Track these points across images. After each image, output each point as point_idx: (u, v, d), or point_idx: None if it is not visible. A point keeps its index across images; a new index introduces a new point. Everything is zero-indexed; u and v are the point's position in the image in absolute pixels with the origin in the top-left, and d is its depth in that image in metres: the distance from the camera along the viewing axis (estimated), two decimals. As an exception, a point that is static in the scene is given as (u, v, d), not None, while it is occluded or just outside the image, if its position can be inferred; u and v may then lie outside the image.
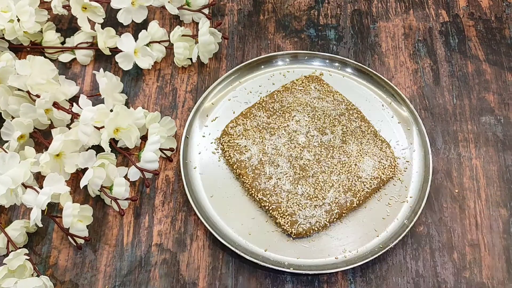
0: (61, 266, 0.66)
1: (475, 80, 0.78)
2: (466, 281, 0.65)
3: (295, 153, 0.70)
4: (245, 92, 0.77)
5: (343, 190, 0.67)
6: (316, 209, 0.66)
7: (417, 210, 0.66)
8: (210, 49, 0.77)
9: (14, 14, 0.72)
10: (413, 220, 0.66)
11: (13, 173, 0.62)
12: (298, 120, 0.72)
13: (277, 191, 0.67)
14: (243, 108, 0.75)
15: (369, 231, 0.67)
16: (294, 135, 0.71)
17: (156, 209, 0.69)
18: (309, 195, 0.67)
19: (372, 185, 0.68)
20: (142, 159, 0.67)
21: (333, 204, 0.66)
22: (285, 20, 0.84)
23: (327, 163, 0.69)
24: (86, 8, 0.76)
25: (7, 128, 0.68)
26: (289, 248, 0.66)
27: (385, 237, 0.66)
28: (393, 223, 0.67)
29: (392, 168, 0.69)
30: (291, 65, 0.79)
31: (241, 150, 0.70)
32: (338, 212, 0.66)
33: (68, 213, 0.62)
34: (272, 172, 0.68)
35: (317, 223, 0.66)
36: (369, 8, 0.85)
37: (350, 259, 0.65)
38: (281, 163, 0.69)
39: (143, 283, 0.65)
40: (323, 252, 0.65)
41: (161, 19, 0.83)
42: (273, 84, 0.77)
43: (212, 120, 0.74)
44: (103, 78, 0.69)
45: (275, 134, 0.71)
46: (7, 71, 0.68)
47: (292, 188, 0.67)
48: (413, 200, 0.68)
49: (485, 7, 0.85)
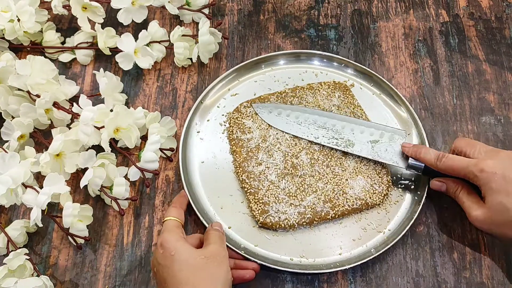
0: (61, 266, 0.66)
1: (475, 80, 0.78)
2: (466, 281, 0.65)
3: (293, 151, 0.70)
4: (273, 79, 0.77)
5: (324, 199, 0.67)
6: (290, 207, 0.66)
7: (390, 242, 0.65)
8: (210, 49, 0.77)
9: (14, 14, 0.72)
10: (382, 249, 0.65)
11: (13, 173, 0.62)
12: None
13: (261, 178, 0.68)
14: (264, 92, 0.76)
15: (332, 247, 0.66)
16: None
17: (156, 209, 0.69)
18: (289, 192, 0.67)
19: (354, 205, 0.67)
20: (142, 159, 0.67)
21: (308, 209, 0.66)
22: (285, 20, 0.84)
23: (320, 169, 0.69)
24: (86, 8, 0.76)
25: (7, 128, 0.68)
26: (251, 234, 0.66)
27: (347, 257, 0.65)
28: (359, 248, 0.66)
29: (382, 196, 0.68)
30: (326, 67, 0.78)
31: (244, 130, 0.72)
32: (310, 217, 0.66)
33: (68, 213, 0.62)
34: (264, 159, 0.69)
35: (286, 220, 0.66)
36: (369, 8, 0.85)
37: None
38: (276, 155, 0.69)
39: (143, 283, 0.65)
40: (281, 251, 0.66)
41: (161, 19, 0.83)
42: (302, 80, 0.77)
43: (232, 95, 0.76)
44: (103, 78, 0.69)
45: None
46: (7, 71, 0.68)
47: (276, 180, 0.68)
48: (390, 233, 0.66)
49: (485, 7, 0.85)
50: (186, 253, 0.57)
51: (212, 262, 0.56)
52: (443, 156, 0.63)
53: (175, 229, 0.60)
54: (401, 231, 0.65)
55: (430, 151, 0.65)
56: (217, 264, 0.57)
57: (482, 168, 0.59)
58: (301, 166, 0.69)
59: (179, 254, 0.56)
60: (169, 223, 0.61)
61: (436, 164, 0.63)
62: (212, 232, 0.61)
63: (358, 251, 0.65)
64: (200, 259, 0.56)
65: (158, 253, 0.58)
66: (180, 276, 0.55)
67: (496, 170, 0.59)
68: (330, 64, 0.78)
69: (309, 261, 0.65)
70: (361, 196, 0.67)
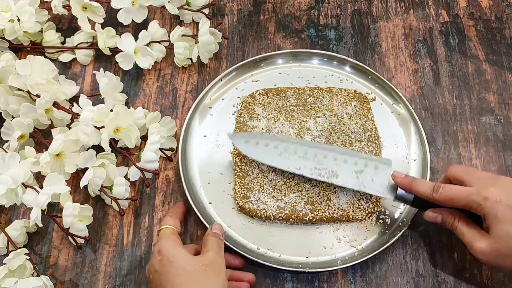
0: (61, 266, 0.66)
1: (475, 80, 0.78)
2: (466, 281, 0.65)
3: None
4: (297, 75, 0.78)
5: (306, 201, 0.67)
6: (271, 199, 0.67)
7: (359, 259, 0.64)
8: (210, 49, 0.77)
9: (14, 14, 0.73)
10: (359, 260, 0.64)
11: (13, 173, 0.62)
12: (318, 122, 0.72)
13: (253, 165, 0.69)
14: (285, 85, 0.77)
15: (301, 249, 0.65)
16: (304, 132, 0.71)
17: (156, 209, 0.69)
18: (275, 185, 0.68)
19: (334, 214, 0.66)
20: (142, 159, 0.67)
21: (288, 205, 0.67)
22: (285, 20, 0.84)
23: None
24: (86, 8, 0.76)
25: (7, 128, 0.68)
26: (228, 215, 0.67)
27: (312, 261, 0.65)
28: (327, 256, 0.65)
29: (365, 213, 0.67)
30: (353, 75, 0.77)
31: (252, 116, 0.73)
32: (288, 214, 0.66)
33: (68, 213, 0.62)
34: None
35: (263, 211, 0.66)
36: (369, 8, 0.85)
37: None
38: None
39: (143, 283, 0.65)
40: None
41: (161, 19, 0.83)
42: (326, 83, 0.77)
43: (253, 81, 0.77)
44: (103, 78, 0.69)
45: (290, 122, 0.72)
46: (7, 71, 0.68)
47: (266, 170, 0.69)
48: (360, 250, 0.65)
49: (485, 7, 0.85)
50: (184, 260, 0.56)
51: (210, 270, 0.56)
52: (439, 187, 0.58)
53: (172, 236, 0.60)
54: (373, 249, 0.64)
55: (424, 182, 0.61)
56: (215, 273, 0.56)
57: (486, 197, 0.55)
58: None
59: (177, 261, 0.56)
60: (165, 230, 0.61)
61: (432, 195, 0.59)
62: (211, 238, 0.60)
63: (324, 259, 0.65)
64: (198, 266, 0.56)
65: (155, 259, 0.57)
66: (177, 283, 0.54)
67: (501, 198, 0.55)
68: (330, 63, 0.78)
69: (275, 255, 0.65)
70: (344, 207, 0.67)
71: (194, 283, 0.54)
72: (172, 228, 0.61)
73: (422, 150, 0.71)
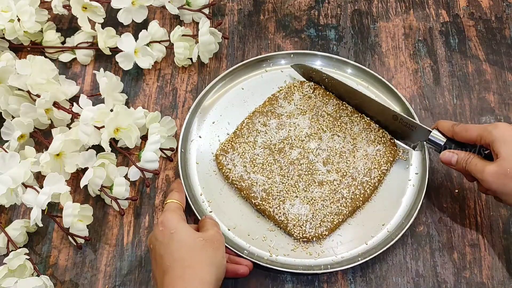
0: (61, 265, 0.66)
1: (475, 80, 0.78)
2: (466, 281, 0.65)
3: (295, 142, 0.70)
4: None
5: (264, 189, 0.67)
6: (241, 167, 0.69)
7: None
8: (210, 49, 0.77)
9: (14, 14, 0.73)
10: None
11: (13, 173, 0.62)
12: (333, 139, 0.71)
13: (252, 134, 0.71)
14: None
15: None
16: (315, 138, 0.71)
17: (156, 209, 0.69)
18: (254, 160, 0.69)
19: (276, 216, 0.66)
20: (142, 159, 0.67)
21: (248, 181, 0.68)
22: (285, 20, 0.84)
23: (297, 171, 0.68)
24: (86, 8, 0.76)
25: (7, 128, 0.68)
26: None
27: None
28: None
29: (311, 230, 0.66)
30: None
31: (287, 97, 0.75)
32: (242, 187, 0.67)
33: (68, 212, 0.62)
34: (272, 127, 0.71)
35: (228, 171, 0.69)
36: (369, 8, 0.85)
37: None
38: (282, 132, 0.71)
39: (143, 283, 0.65)
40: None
41: (161, 19, 0.83)
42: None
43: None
44: (103, 78, 0.69)
45: (311, 122, 0.72)
46: (7, 71, 0.68)
47: (258, 145, 0.70)
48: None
49: (485, 7, 0.85)
50: (185, 233, 0.58)
51: (210, 245, 0.58)
52: (459, 124, 0.65)
53: (177, 210, 0.62)
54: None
55: (446, 121, 0.66)
56: (214, 248, 0.58)
57: (496, 125, 0.61)
58: (287, 156, 0.69)
59: (178, 234, 0.57)
60: (171, 204, 0.63)
61: (452, 127, 0.64)
62: (208, 220, 0.63)
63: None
64: (199, 240, 0.57)
65: (157, 230, 0.59)
66: (177, 255, 0.56)
67: (509, 128, 0.61)
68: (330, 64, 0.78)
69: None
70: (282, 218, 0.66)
71: (194, 255, 0.56)
72: (177, 203, 0.63)
73: (422, 150, 0.71)
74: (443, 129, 0.66)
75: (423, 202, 0.69)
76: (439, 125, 0.66)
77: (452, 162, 0.64)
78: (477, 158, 0.62)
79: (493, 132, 0.60)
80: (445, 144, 0.65)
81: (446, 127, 0.65)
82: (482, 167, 0.61)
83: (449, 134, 0.65)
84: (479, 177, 0.61)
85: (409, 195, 0.69)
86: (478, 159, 0.62)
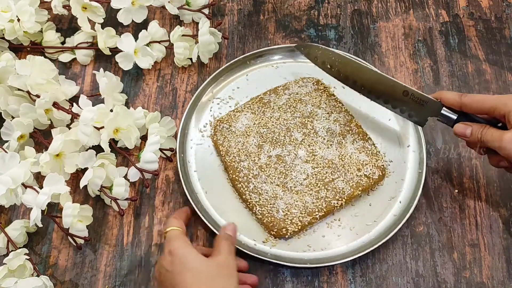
0: (61, 266, 0.66)
1: (475, 80, 0.78)
2: (466, 281, 0.65)
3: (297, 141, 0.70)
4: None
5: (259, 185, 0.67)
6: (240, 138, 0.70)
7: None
8: (210, 49, 0.77)
9: (14, 14, 0.73)
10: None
11: (13, 173, 0.62)
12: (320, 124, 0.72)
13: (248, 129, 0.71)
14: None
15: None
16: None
17: (156, 209, 0.69)
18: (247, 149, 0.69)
19: (260, 217, 0.66)
20: (141, 159, 0.67)
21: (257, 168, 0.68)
22: (285, 20, 0.84)
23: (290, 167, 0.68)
24: (86, 8, 0.76)
25: (7, 128, 0.68)
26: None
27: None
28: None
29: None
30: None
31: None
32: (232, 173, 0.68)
33: (68, 213, 0.62)
34: (274, 118, 0.72)
35: (224, 148, 0.69)
36: (369, 8, 0.85)
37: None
38: (283, 125, 0.71)
39: (143, 283, 0.65)
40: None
41: (161, 19, 0.83)
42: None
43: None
44: (103, 78, 0.69)
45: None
46: (7, 71, 0.68)
47: (256, 143, 0.70)
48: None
49: (485, 7, 0.85)
50: (197, 261, 0.56)
51: (224, 272, 0.56)
52: (466, 95, 0.63)
53: (182, 236, 0.59)
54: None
55: (451, 92, 0.65)
56: (228, 274, 0.56)
57: (510, 96, 0.60)
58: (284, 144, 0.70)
59: (190, 262, 0.55)
60: (173, 232, 0.60)
61: (460, 99, 0.63)
62: (224, 241, 0.59)
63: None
64: (212, 268, 0.56)
65: (166, 260, 0.57)
66: (191, 284, 0.54)
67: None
68: None
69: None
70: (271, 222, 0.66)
71: (208, 283, 0.54)
72: (178, 230, 0.60)
73: (422, 150, 0.71)
74: (448, 100, 0.64)
75: (423, 202, 0.69)
76: (442, 96, 0.64)
77: (466, 134, 0.63)
78: (493, 128, 0.61)
79: (508, 103, 0.59)
80: (457, 119, 0.64)
81: (452, 98, 0.63)
82: (500, 135, 0.59)
83: (455, 106, 0.63)
84: (497, 145, 0.60)
85: (407, 193, 0.69)
86: (494, 129, 0.61)
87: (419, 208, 0.69)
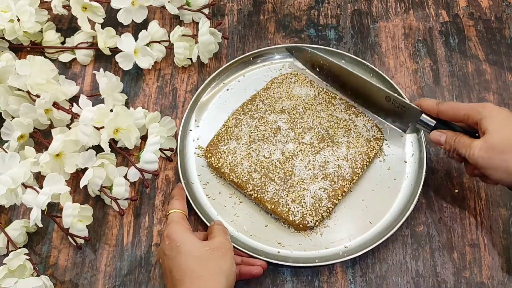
0: (61, 266, 0.66)
1: (475, 80, 0.78)
2: (466, 281, 0.65)
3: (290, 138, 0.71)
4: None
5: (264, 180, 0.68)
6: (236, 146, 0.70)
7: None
8: (210, 49, 0.77)
9: (14, 14, 0.73)
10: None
11: (13, 173, 0.62)
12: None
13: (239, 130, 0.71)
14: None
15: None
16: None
17: (156, 209, 0.69)
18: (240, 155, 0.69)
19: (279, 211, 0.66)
20: (141, 159, 0.67)
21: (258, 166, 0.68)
22: (285, 20, 0.84)
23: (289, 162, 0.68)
24: (86, 8, 0.76)
25: (7, 128, 0.68)
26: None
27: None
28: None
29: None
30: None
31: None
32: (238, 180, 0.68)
33: (68, 213, 0.62)
34: (269, 120, 0.72)
35: (223, 162, 0.69)
36: (369, 8, 0.85)
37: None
38: (275, 124, 0.72)
39: (143, 283, 0.65)
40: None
41: (161, 19, 0.83)
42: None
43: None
44: (103, 78, 0.69)
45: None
46: (7, 71, 0.68)
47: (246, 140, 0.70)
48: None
49: (485, 7, 0.85)
50: (191, 244, 0.58)
51: (217, 254, 0.58)
52: (443, 102, 0.65)
53: (181, 220, 0.62)
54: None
55: (429, 99, 0.66)
56: (222, 256, 0.58)
57: (484, 105, 0.61)
58: (282, 135, 0.70)
59: (184, 245, 0.58)
60: (174, 215, 0.62)
61: (437, 106, 0.64)
62: (216, 226, 0.63)
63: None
64: (205, 250, 0.57)
65: (164, 244, 0.59)
66: (185, 267, 0.56)
67: (495, 107, 0.61)
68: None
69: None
70: (285, 213, 0.66)
71: (202, 266, 0.56)
72: (180, 213, 0.63)
73: (422, 150, 0.71)
74: (426, 107, 0.65)
75: (423, 202, 0.69)
76: (421, 103, 0.66)
77: (441, 141, 0.64)
78: (465, 136, 0.63)
79: (481, 111, 0.61)
80: (435, 125, 0.65)
81: (430, 105, 0.65)
82: (470, 143, 0.61)
83: (433, 113, 0.65)
84: (465, 152, 0.61)
85: (406, 191, 0.69)
86: (466, 137, 0.62)
87: (419, 208, 0.69)
